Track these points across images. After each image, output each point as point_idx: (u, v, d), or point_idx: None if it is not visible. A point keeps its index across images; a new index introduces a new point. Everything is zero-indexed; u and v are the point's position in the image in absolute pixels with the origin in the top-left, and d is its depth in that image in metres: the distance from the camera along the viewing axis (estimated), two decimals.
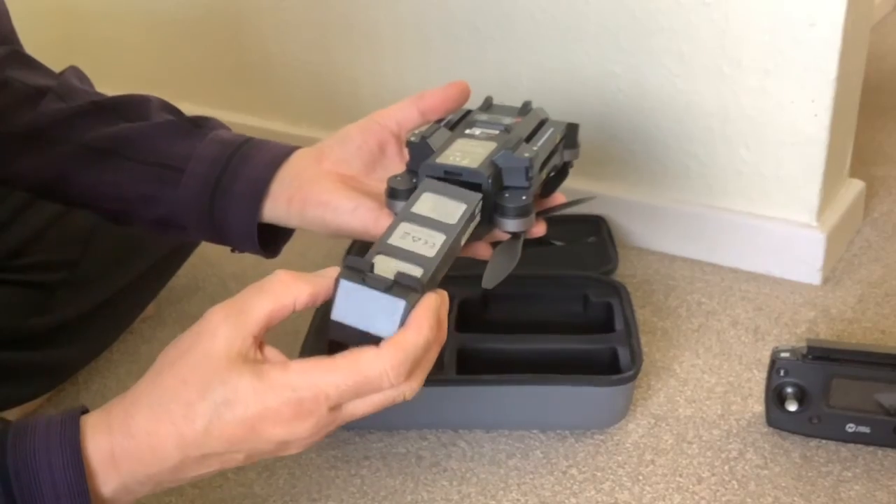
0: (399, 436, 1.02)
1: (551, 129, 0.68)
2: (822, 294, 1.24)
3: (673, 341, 1.16)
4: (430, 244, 0.56)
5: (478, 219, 0.61)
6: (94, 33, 1.77)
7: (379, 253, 0.56)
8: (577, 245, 1.32)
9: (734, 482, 0.95)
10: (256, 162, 0.69)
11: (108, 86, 1.78)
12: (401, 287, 0.53)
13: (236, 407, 0.51)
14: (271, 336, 1.29)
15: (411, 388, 0.54)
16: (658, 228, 1.35)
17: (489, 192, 0.61)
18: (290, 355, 0.57)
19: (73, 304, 1.02)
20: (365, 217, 0.65)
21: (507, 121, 0.67)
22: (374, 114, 0.70)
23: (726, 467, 0.97)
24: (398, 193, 0.63)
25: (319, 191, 0.66)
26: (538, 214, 0.66)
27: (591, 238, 1.33)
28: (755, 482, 0.95)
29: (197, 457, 0.52)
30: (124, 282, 1.07)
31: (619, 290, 1.13)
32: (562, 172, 0.70)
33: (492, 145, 0.64)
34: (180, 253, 1.15)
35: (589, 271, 1.20)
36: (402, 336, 0.52)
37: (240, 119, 1.65)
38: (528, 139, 0.66)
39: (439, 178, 0.62)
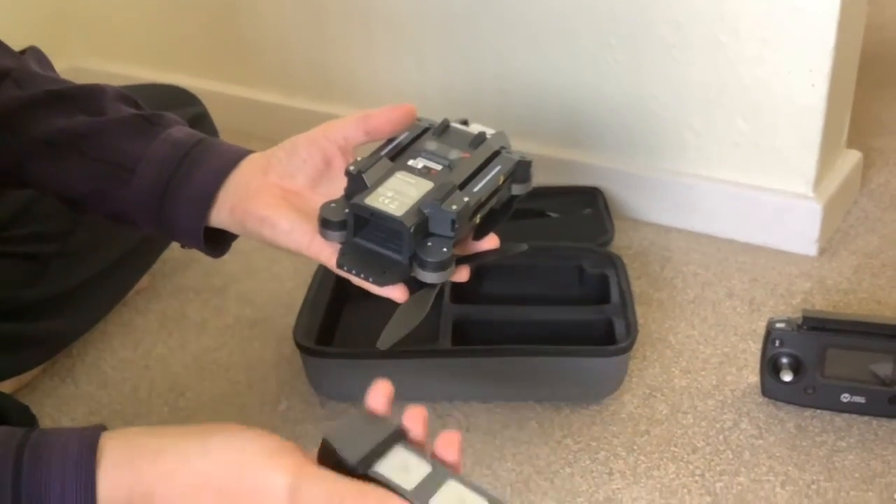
0: (395, 406, 1.02)
1: (498, 168, 0.65)
2: (818, 265, 1.24)
3: (668, 312, 1.16)
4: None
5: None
6: (88, 7, 1.75)
7: None
8: (573, 217, 1.31)
9: (728, 452, 0.95)
10: (206, 167, 0.70)
11: (103, 59, 1.77)
12: None
13: None
14: (267, 314, 1.28)
15: None
16: (654, 200, 1.35)
17: (410, 242, 0.61)
18: (283, 332, 0.57)
19: (66, 276, 1.02)
20: (299, 240, 0.66)
21: (455, 155, 0.65)
22: (322, 126, 0.70)
23: (721, 437, 0.97)
24: (330, 224, 0.64)
25: (259, 206, 0.67)
26: (466, 259, 0.66)
27: (587, 210, 1.32)
28: (749, 452, 0.95)
29: None
30: (117, 254, 1.07)
31: (614, 262, 1.13)
32: (506, 207, 0.68)
33: (427, 185, 0.63)
34: None
35: (585, 243, 1.20)
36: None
37: (234, 91, 1.64)
38: (471, 178, 0.64)
39: (366, 218, 0.62)
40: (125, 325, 1.18)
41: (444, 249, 0.61)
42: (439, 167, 0.65)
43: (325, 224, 0.64)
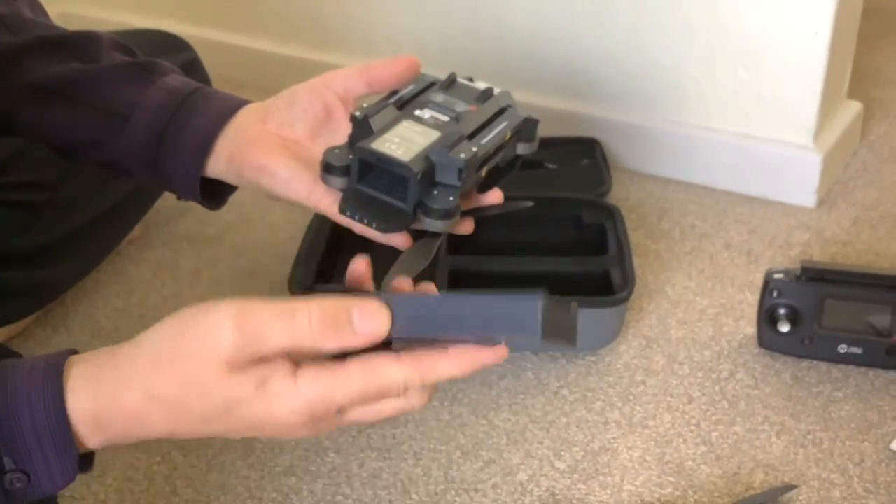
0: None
1: (505, 123, 0.64)
2: (817, 216, 1.24)
3: (666, 264, 1.16)
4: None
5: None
6: None
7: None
8: (571, 167, 1.30)
9: (724, 402, 0.95)
10: (203, 116, 0.68)
11: (93, 6, 1.74)
12: None
13: (235, 413, 0.49)
14: (261, 264, 1.27)
15: (422, 401, 0.52)
16: (652, 151, 1.33)
17: (416, 189, 0.59)
18: (278, 283, 0.56)
19: (58, 224, 1.01)
20: (298, 189, 0.64)
21: (461, 107, 0.64)
22: (323, 75, 0.68)
23: (717, 387, 0.97)
24: (333, 169, 0.62)
25: (258, 153, 0.65)
26: (469, 213, 0.65)
27: (585, 160, 1.31)
28: (745, 402, 0.95)
29: (192, 430, 0.51)
30: (110, 202, 1.05)
31: (612, 213, 1.12)
32: (511, 165, 0.67)
33: (435, 135, 0.61)
34: None
35: (582, 194, 1.19)
36: (428, 356, 0.51)
37: (227, 38, 1.62)
38: (479, 131, 0.63)
39: (371, 164, 0.60)
40: (118, 274, 1.17)
41: (451, 198, 0.60)
42: (446, 118, 0.63)
43: (328, 169, 0.62)
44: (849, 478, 0.87)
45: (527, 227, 1.15)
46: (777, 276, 0.97)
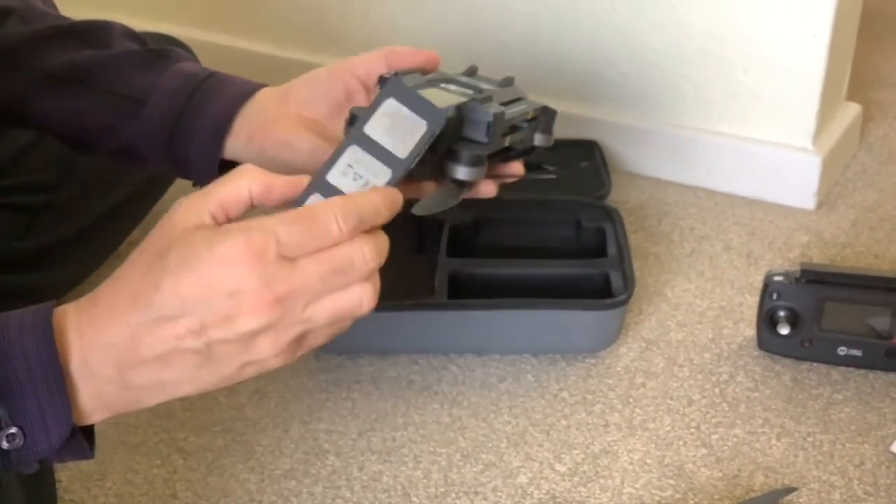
0: (390, 360, 1.02)
1: (525, 105, 0.66)
2: (816, 218, 1.24)
3: (665, 266, 1.16)
4: (370, 186, 0.54)
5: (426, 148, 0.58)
6: None
7: (314, 192, 0.54)
8: (570, 170, 1.30)
9: (724, 404, 0.95)
10: (220, 98, 0.68)
11: (94, 9, 1.73)
12: None
13: (190, 262, 0.50)
14: None
15: (365, 248, 0.52)
16: (652, 153, 1.34)
17: (445, 135, 0.58)
18: None
19: (56, 228, 1.01)
20: (321, 162, 0.64)
21: (486, 86, 0.66)
22: (344, 60, 0.69)
23: (717, 390, 0.97)
24: (357, 120, 0.61)
25: (280, 129, 0.66)
26: (492, 177, 0.65)
27: (584, 163, 1.31)
28: (745, 404, 0.95)
29: (151, 320, 0.50)
30: (108, 205, 1.06)
31: (611, 215, 1.12)
32: (527, 154, 0.68)
33: (463, 98, 0.63)
34: (165, 177, 1.13)
35: (582, 196, 1.19)
36: (354, 194, 0.53)
37: (226, 41, 1.62)
38: (503, 104, 0.65)
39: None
40: None
41: (479, 152, 0.60)
42: (471, 91, 0.64)
43: (353, 122, 0.60)
44: (849, 480, 0.87)
45: (526, 229, 1.15)
46: (777, 278, 0.97)
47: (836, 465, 0.88)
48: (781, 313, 0.97)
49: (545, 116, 0.68)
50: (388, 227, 0.57)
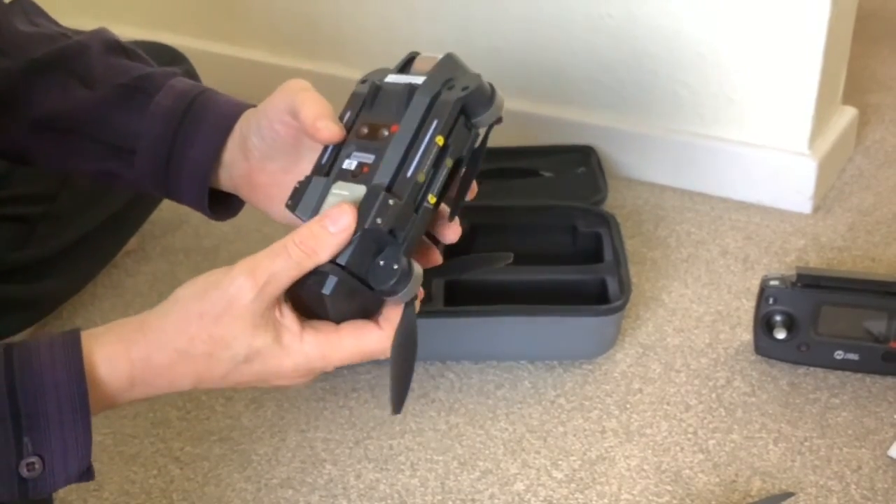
0: (387, 367, 1.01)
1: (434, 125, 0.57)
2: (813, 222, 1.24)
3: (662, 271, 1.16)
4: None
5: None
6: None
7: None
8: (567, 176, 1.30)
9: (721, 409, 0.95)
10: (197, 146, 0.70)
11: (87, 17, 1.74)
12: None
13: (254, 364, 0.58)
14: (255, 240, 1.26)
15: (387, 342, 0.61)
16: (648, 158, 1.34)
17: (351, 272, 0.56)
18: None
19: (54, 238, 1.01)
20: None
21: (385, 133, 0.58)
22: (263, 108, 0.67)
23: (714, 395, 0.97)
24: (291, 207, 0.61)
25: (254, 198, 0.71)
26: (451, 215, 0.60)
27: (581, 169, 1.31)
28: (742, 409, 0.95)
29: (206, 388, 0.60)
30: (105, 215, 1.06)
31: (608, 221, 1.12)
32: (477, 150, 0.59)
33: (361, 192, 0.56)
34: None
35: (578, 202, 1.19)
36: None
37: (222, 49, 1.62)
38: (405, 158, 0.57)
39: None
40: (115, 286, 1.17)
41: (395, 266, 0.56)
42: (371, 158, 0.58)
43: (289, 206, 0.62)
44: (846, 485, 0.86)
45: (523, 235, 1.15)
46: (773, 282, 0.97)
47: (833, 469, 0.88)
48: (778, 318, 0.97)
49: (470, 101, 0.59)
50: None
